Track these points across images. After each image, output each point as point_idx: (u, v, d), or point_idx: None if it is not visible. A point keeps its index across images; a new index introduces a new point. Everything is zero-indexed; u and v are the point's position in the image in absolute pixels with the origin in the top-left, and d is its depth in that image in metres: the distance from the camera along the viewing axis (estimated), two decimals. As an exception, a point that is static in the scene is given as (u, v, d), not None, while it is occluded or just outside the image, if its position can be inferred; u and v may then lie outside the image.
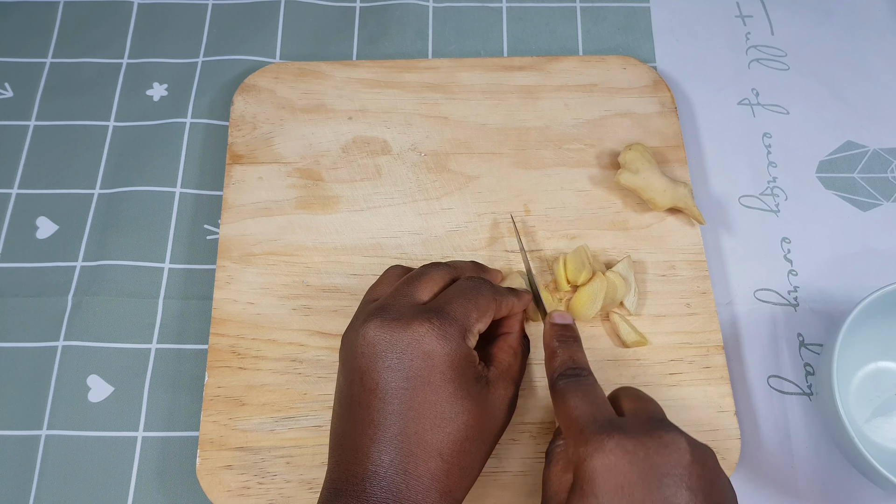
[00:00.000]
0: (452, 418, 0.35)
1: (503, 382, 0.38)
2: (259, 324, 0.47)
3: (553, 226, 0.50)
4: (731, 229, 0.52)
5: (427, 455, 0.35)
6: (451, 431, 0.35)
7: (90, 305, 0.49)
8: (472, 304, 0.38)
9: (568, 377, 0.37)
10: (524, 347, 0.42)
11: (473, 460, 0.36)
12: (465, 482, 0.36)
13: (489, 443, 0.38)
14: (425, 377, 0.35)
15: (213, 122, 0.55)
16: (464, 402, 0.36)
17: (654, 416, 0.36)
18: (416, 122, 0.53)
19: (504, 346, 0.41)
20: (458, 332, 0.36)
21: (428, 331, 0.36)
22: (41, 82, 0.56)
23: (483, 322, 0.38)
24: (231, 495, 0.43)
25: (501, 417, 0.38)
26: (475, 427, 0.36)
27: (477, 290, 0.39)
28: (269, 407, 0.45)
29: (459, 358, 0.36)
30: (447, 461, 0.35)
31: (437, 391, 0.35)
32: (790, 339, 0.49)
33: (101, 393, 0.47)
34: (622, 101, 0.54)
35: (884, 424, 0.46)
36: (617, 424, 0.33)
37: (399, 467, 0.34)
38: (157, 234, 0.51)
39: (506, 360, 0.40)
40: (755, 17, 0.60)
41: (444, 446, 0.35)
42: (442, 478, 0.35)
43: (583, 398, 0.35)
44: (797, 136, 0.55)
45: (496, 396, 0.38)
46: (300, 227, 0.50)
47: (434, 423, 0.35)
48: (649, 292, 0.48)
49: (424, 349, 0.35)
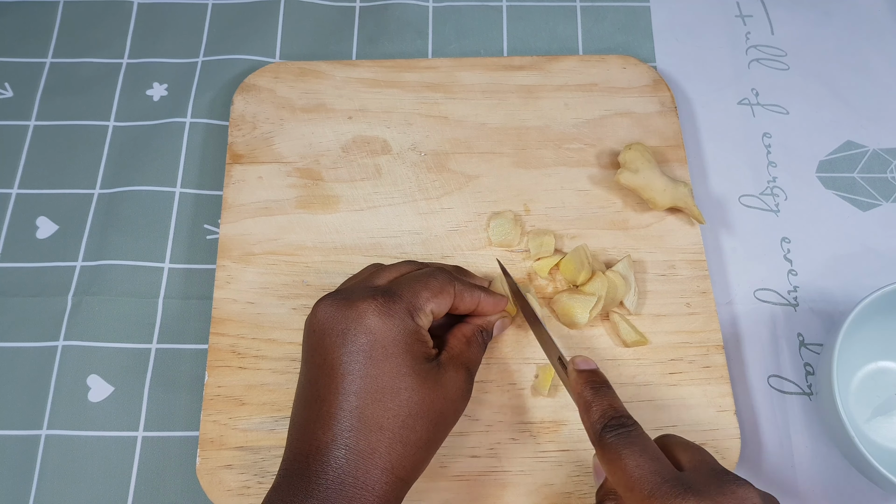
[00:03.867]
0: (395, 394, 0.36)
1: (453, 366, 0.39)
2: (259, 323, 0.47)
3: (553, 225, 0.50)
4: (731, 229, 0.52)
5: (368, 429, 0.35)
6: (392, 406, 0.35)
7: (90, 305, 0.49)
8: (423, 284, 0.39)
9: (615, 430, 0.35)
10: (480, 338, 0.42)
11: (419, 438, 0.36)
12: (411, 461, 0.36)
13: (438, 424, 0.38)
14: (367, 352, 0.36)
15: (212, 121, 0.55)
16: (407, 378, 0.36)
17: (714, 468, 0.34)
18: (416, 122, 0.53)
19: (457, 332, 0.41)
20: (404, 310, 0.37)
21: (372, 307, 0.36)
22: (41, 82, 0.56)
23: (436, 302, 0.39)
24: (231, 495, 0.43)
25: (452, 400, 0.38)
26: (419, 404, 0.36)
27: (431, 274, 0.40)
28: (269, 406, 0.45)
29: (405, 334, 0.37)
30: (389, 436, 0.35)
31: (379, 365, 0.36)
32: (790, 338, 0.49)
33: (101, 393, 0.47)
34: (622, 100, 0.54)
35: (884, 424, 0.46)
36: (687, 483, 0.31)
37: (341, 442, 0.35)
38: (157, 234, 0.51)
39: (456, 346, 0.40)
40: (755, 16, 0.60)
41: (385, 421, 0.35)
42: (383, 453, 0.35)
43: (641, 455, 0.33)
44: (797, 136, 0.55)
45: (446, 378, 0.38)
46: (300, 226, 0.50)
47: (375, 398, 0.35)
48: (649, 292, 0.48)
49: (368, 325, 0.36)
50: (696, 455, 0.35)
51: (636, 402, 0.45)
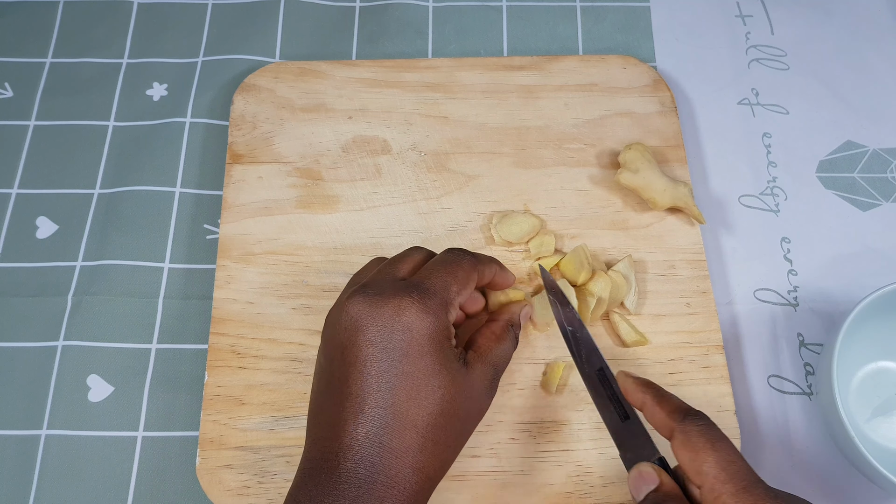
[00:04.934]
0: (429, 392, 0.35)
1: (481, 365, 0.38)
2: (259, 323, 0.47)
3: (553, 225, 0.50)
4: (731, 229, 0.52)
5: (402, 427, 0.35)
6: (427, 405, 0.35)
7: (90, 305, 0.49)
8: (452, 276, 0.38)
9: (701, 419, 0.34)
10: (510, 337, 0.41)
11: (448, 437, 0.36)
12: (439, 460, 0.36)
13: (465, 424, 0.38)
14: (404, 350, 0.35)
15: (212, 121, 0.55)
16: (441, 377, 0.36)
17: None
18: (416, 122, 0.53)
19: (486, 331, 0.41)
20: (440, 306, 0.37)
21: (409, 304, 0.36)
22: (41, 82, 0.56)
23: (463, 294, 0.39)
24: (231, 495, 0.43)
25: (478, 399, 0.38)
26: (451, 402, 0.36)
27: (456, 261, 0.39)
28: (268, 406, 0.45)
29: (439, 332, 0.36)
30: (422, 435, 0.35)
31: (416, 363, 0.35)
32: (790, 338, 0.49)
33: (101, 393, 0.47)
34: (622, 100, 0.54)
35: (884, 424, 0.46)
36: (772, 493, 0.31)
37: (374, 440, 0.34)
38: (157, 234, 0.51)
39: (485, 344, 0.40)
40: (755, 16, 0.60)
41: (419, 419, 0.35)
42: (416, 452, 0.35)
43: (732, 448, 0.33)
44: (797, 136, 0.55)
45: (473, 377, 0.38)
46: (300, 226, 0.50)
47: (410, 396, 0.35)
48: (649, 292, 0.48)
49: (405, 322, 0.35)
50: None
51: (636, 402, 0.45)
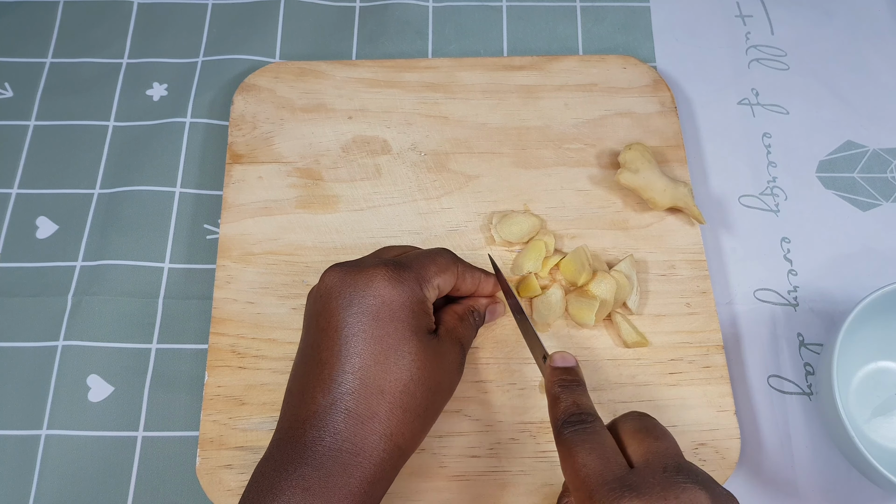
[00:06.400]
0: (399, 357, 0.36)
1: (449, 340, 0.39)
2: (259, 323, 0.47)
3: (553, 225, 0.50)
4: (731, 229, 0.52)
5: (369, 393, 0.35)
6: (396, 370, 0.36)
7: (90, 305, 0.49)
8: (430, 260, 0.40)
9: (573, 425, 0.34)
10: (471, 319, 0.42)
11: (418, 405, 0.36)
12: (409, 429, 0.36)
13: (435, 395, 0.38)
14: (374, 313, 0.36)
15: (212, 121, 0.55)
16: (411, 343, 0.36)
17: (669, 462, 0.32)
18: (416, 122, 0.53)
19: (449, 310, 0.42)
20: (413, 279, 0.38)
21: (382, 272, 0.37)
22: (41, 82, 0.56)
23: (443, 278, 0.40)
24: (231, 495, 0.43)
25: (448, 371, 0.39)
26: (420, 370, 0.36)
27: (437, 252, 0.41)
28: (268, 406, 0.45)
29: (412, 301, 0.37)
30: (389, 401, 0.35)
31: (385, 327, 0.36)
32: (790, 338, 0.49)
33: (101, 393, 0.47)
34: (622, 100, 0.54)
35: (884, 424, 0.46)
36: (629, 483, 0.30)
37: (339, 405, 0.34)
38: (157, 234, 0.51)
39: (450, 321, 0.41)
40: (755, 16, 0.60)
41: (387, 384, 0.35)
42: (383, 419, 0.35)
43: (590, 452, 0.32)
44: (797, 136, 0.55)
45: (444, 350, 0.39)
46: (300, 226, 0.50)
47: (378, 360, 0.35)
48: (649, 292, 0.48)
49: (376, 288, 0.36)
50: (652, 444, 0.33)
51: (636, 402, 0.45)
